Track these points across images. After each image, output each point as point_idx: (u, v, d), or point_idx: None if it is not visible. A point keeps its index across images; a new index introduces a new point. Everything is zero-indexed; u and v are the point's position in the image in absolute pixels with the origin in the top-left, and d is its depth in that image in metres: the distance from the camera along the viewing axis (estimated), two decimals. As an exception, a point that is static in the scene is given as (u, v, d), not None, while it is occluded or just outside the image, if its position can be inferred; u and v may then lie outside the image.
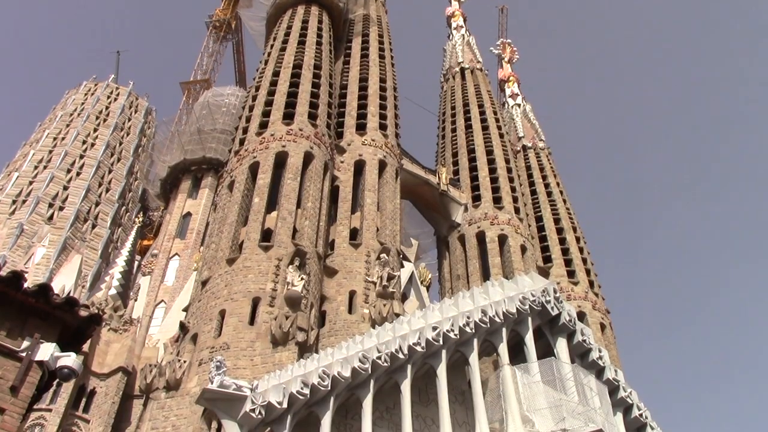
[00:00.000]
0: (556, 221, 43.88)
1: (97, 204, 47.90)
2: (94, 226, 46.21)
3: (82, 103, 56.59)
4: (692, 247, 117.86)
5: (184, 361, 25.85)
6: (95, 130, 53.72)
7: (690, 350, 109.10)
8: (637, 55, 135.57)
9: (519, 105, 56.72)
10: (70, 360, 7.33)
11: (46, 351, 7.33)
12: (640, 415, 26.54)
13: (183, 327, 28.29)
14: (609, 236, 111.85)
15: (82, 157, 50.59)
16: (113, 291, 34.85)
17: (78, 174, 48.72)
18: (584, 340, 27.37)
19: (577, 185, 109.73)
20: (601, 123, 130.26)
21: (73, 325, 7.73)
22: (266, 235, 29.52)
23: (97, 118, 55.08)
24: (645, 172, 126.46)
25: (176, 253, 42.45)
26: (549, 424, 23.50)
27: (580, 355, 27.17)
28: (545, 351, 26.64)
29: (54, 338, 7.50)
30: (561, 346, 27.00)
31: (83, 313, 7.68)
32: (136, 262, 41.54)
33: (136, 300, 35.46)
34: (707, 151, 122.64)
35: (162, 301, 39.20)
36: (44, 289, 7.53)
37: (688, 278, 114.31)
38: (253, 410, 19.64)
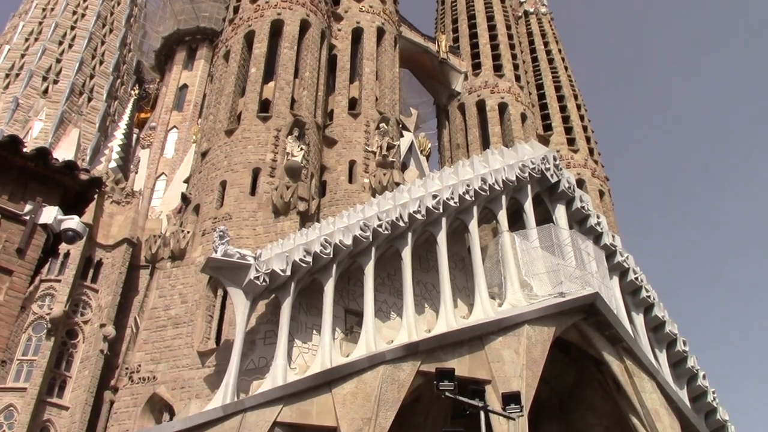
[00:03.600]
0: (557, 89, 43.28)
1: (92, 77, 47.12)
2: (90, 100, 45.65)
3: (70, -29, 54.57)
4: (693, 114, 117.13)
5: (188, 232, 26.18)
6: (84, 0, 52.10)
7: (687, 216, 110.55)
8: None
9: (520, -33, 54.70)
10: (74, 223, 7.39)
11: (49, 214, 7.36)
12: (636, 278, 27.16)
13: (185, 198, 28.47)
14: (610, 104, 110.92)
15: (73, 28, 49.32)
16: (113, 164, 34.84)
17: (70, 46, 47.65)
18: (583, 207, 27.64)
19: (579, 52, 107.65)
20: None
21: (74, 189, 7.73)
22: (264, 106, 29.20)
23: (86, -14, 53.28)
24: (648, 40, 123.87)
25: (174, 126, 42.14)
26: (546, 288, 24.10)
27: (579, 221, 27.51)
28: (544, 218, 26.97)
29: (55, 202, 7.52)
30: (560, 212, 27.30)
31: (83, 176, 7.67)
32: (135, 135, 41.28)
33: (136, 173, 35.50)
34: (711, 23, 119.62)
35: (162, 173, 39.29)
36: (43, 152, 7.49)
37: (688, 145, 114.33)
38: (257, 278, 20.09)
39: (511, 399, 14.73)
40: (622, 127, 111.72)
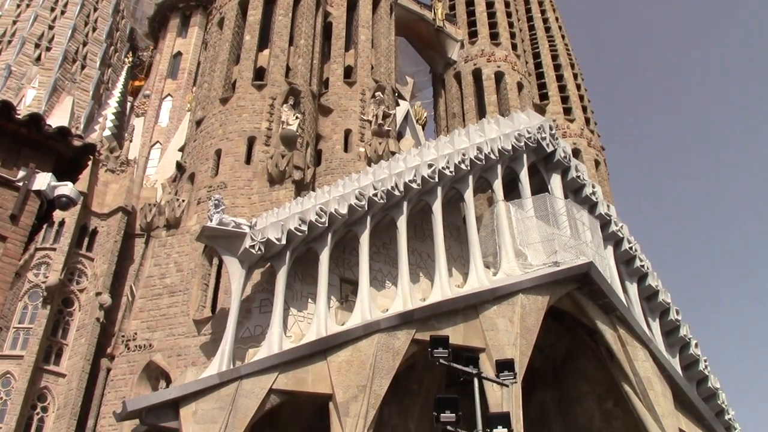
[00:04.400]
0: (554, 58, 43.02)
1: (85, 44, 46.57)
2: (83, 67, 45.18)
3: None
4: (690, 84, 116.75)
5: (183, 200, 26.15)
6: (77, -34, 51.29)
7: (682, 186, 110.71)
8: None
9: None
10: (68, 189, 7.35)
11: (43, 180, 7.32)
12: (630, 248, 27.26)
13: (180, 167, 28.38)
14: (607, 73, 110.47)
15: (64, -6, 48.64)
16: (107, 132, 34.62)
17: (62, 13, 47.01)
18: (578, 177, 27.65)
19: (576, 21, 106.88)
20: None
21: (68, 155, 7.68)
22: (259, 74, 29.00)
23: (76, -49, 52.44)
24: (645, 8, 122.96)
25: (169, 94, 41.77)
26: (541, 257, 24.18)
27: (574, 191, 27.54)
28: (539, 187, 26.98)
29: (49, 169, 7.47)
30: (555, 182, 27.30)
31: (77, 142, 7.62)
32: (129, 103, 40.95)
33: (131, 141, 35.23)
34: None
35: (157, 142, 39.07)
36: (36, 118, 7.43)
37: (685, 115, 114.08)
38: (252, 246, 20.12)
39: (504, 366, 14.82)
40: (618, 96, 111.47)
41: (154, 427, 18.59)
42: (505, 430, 12.78)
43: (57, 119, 34.30)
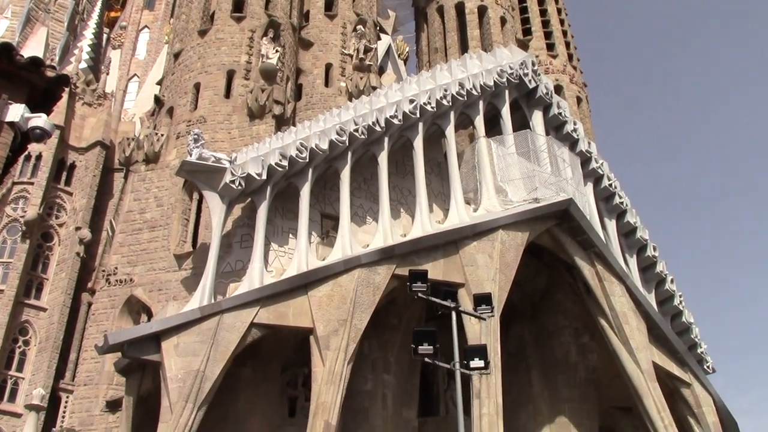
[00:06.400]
0: (538, -8, 42.28)
1: (58, -28, 45.23)
2: (57, -3, 43.96)
3: None
4: (675, 21, 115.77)
5: (162, 135, 25.87)
6: None
7: (663, 123, 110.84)
8: None
9: None
10: (42, 121, 7.21)
11: (16, 112, 7.16)
12: (610, 185, 27.40)
13: (158, 101, 28.00)
14: (591, 8, 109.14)
15: None
16: (83, 65, 33.94)
17: (34, -60, 45.54)
18: (560, 113, 27.57)
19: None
20: None
21: (41, 86, 7.51)
22: (238, 5, 28.39)
23: None
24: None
25: (146, 26, 40.92)
26: (521, 194, 24.28)
27: (555, 127, 27.49)
28: (521, 124, 26.90)
29: (22, 100, 7.31)
30: (537, 118, 27.23)
31: (50, 73, 7.45)
32: (105, 35, 40.04)
33: (107, 74, 34.62)
34: None
35: (135, 75, 38.42)
36: (6, 48, 7.24)
37: (668, 52, 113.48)
38: (233, 182, 20.03)
39: (482, 300, 15.00)
40: (601, 33, 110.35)
41: (136, 360, 18.81)
42: (482, 362, 13.03)
43: (31, 50, 33.49)
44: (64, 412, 23.30)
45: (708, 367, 27.40)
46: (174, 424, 16.84)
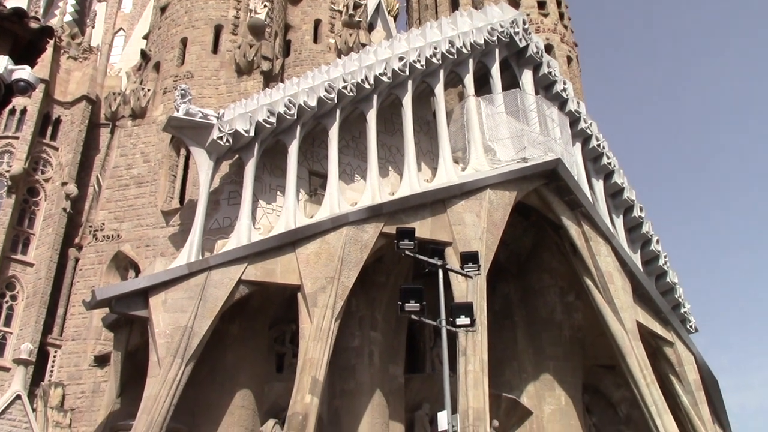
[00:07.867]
0: (531, -52, 41.72)
1: None
2: (40, -53, 43.12)
3: None
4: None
5: (149, 90, 25.60)
6: None
7: (653, 84, 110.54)
8: None
9: None
10: (25, 73, 7.10)
11: (-1, 63, 7.08)
12: (598, 145, 27.45)
13: (144, 55, 27.64)
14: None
15: None
16: (68, 17, 33.36)
17: None
18: (550, 73, 27.47)
19: None
20: None
21: (25, 38, 7.38)
22: (226, -41, 27.90)
23: None
24: None
25: (132, -22, 40.15)
26: (510, 153, 24.29)
27: (545, 87, 27.42)
28: (510, 83, 26.81)
29: (5, 52, 7.18)
30: (526, 78, 27.13)
31: (33, 24, 7.32)
32: (90, -13, 39.36)
33: (93, 27, 34.02)
34: None
35: (121, 29, 37.74)
36: (-12, -2, 7.12)
37: (661, 15, 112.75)
38: (220, 138, 19.90)
39: (468, 258, 15.11)
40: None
41: (124, 316, 18.88)
42: (468, 319, 13.14)
43: (14, 1, 32.87)
44: (53, 366, 23.41)
45: (691, 326, 27.79)
46: (162, 378, 16.97)
